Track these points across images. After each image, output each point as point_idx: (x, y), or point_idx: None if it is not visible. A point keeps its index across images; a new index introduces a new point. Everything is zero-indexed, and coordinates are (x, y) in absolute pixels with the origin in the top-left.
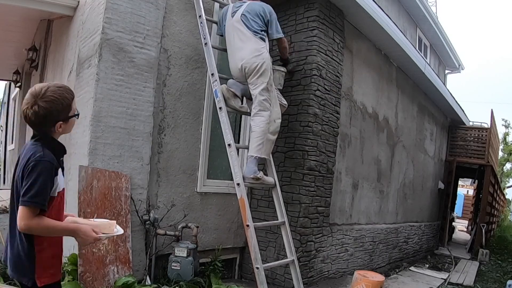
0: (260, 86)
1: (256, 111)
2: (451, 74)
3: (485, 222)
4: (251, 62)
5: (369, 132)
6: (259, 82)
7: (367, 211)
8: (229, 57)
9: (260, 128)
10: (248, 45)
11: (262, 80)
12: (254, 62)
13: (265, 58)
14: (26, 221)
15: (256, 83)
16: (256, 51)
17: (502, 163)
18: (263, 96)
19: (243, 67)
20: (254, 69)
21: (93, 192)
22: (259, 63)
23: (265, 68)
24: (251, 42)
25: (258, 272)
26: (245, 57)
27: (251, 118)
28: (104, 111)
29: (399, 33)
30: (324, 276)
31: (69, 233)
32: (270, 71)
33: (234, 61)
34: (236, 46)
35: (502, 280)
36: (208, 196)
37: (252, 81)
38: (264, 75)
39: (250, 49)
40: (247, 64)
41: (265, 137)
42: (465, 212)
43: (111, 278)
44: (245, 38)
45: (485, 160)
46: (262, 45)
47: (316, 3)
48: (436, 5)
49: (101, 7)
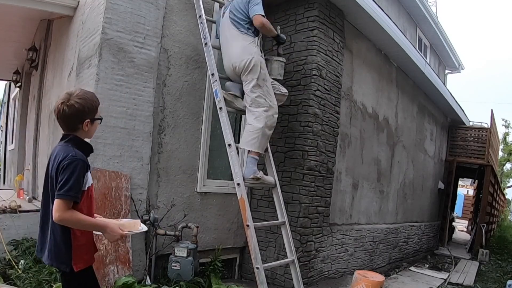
0: (250, 83)
1: (249, 108)
2: (451, 74)
3: (485, 222)
4: (240, 60)
5: (369, 132)
6: (249, 79)
7: (367, 211)
8: (223, 58)
9: (255, 124)
10: (236, 44)
11: (251, 77)
12: (243, 60)
13: (252, 53)
14: (61, 212)
15: (246, 80)
16: (243, 48)
17: (502, 163)
18: (255, 93)
19: (233, 66)
20: (244, 67)
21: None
22: (247, 60)
23: (254, 63)
24: (238, 40)
25: (258, 272)
26: (234, 55)
27: (246, 115)
28: (104, 111)
29: (399, 33)
30: (324, 276)
31: (98, 228)
32: (260, 66)
33: (227, 61)
34: (227, 46)
35: (502, 280)
36: (208, 196)
37: (243, 79)
38: (253, 72)
39: (238, 46)
40: (236, 62)
41: (260, 132)
42: (465, 212)
43: (111, 278)
44: (233, 37)
45: (485, 160)
46: (250, 40)
47: (316, 3)
48: (436, 5)
49: (101, 7)
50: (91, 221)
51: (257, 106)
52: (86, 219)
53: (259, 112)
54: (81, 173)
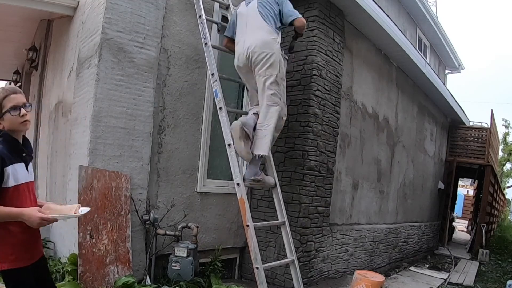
0: (269, 79)
1: (265, 105)
2: (451, 74)
3: (485, 222)
4: (259, 52)
5: (369, 132)
6: (268, 74)
7: (367, 211)
8: (237, 45)
9: (270, 125)
10: (259, 33)
11: (270, 72)
12: (263, 52)
13: (274, 49)
14: None
15: (264, 74)
16: (267, 41)
17: (502, 163)
18: (272, 90)
19: (250, 55)
20: (262, 59)
21: (93, 192)
22: (268, 54)
23: (274, 59)
24: (263, 31)
25: (258, 272)
26: (253, 44)
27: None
28: (104, 111)
29: (399, 33)
30: (324, 276)
31: (14, 217)
32: (280, 64)
33: (242, 48)
34: (247, 33)
35: (502, 280)
36: (208, 196)
37: (260, 72)
38: (273, 67)
39: (261, 37)
40: (255, 52)
41: (271, 136)
42: (465, 212)
43: (111, 278)
44: (257, 26)
45: (485, 160)
46: (274, 36)
47: (316, 3)
48: (436, 5)
49: (101, 7)
50: (6, 211)
51: (271, 104)
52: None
53: (273, 111)
54: None
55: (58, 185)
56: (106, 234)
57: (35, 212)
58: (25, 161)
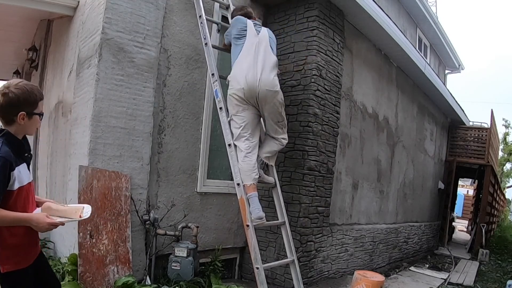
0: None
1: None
2: (451, 74)
3: (485, 222)
4: (273, 85)
5: (369, 132)
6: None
7: (367, 211)
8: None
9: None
10: (270, 65)
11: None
12: (276, 86)
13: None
14: None
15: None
16: (275, 77)
17: (502, 163)
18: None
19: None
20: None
21: (93, 192)
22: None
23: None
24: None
25: (258, 272)
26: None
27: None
28: (104, 111)
29: (399, 33)
30: (324, 276)
31: (22, 222)
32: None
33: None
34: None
35: (502, 280)
36: (208, 196)
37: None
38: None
39: (272, 70)
40: (267, 83)
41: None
42: (465, 212)
43: (111, 278)
44: (269, 59)
45: (485, 160)
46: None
47: (316, 3)
48: (436, 5)
49: (101, 7)
50: (12, 216)
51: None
52: (7, 215)
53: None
54: (2, 172)
55: (58, 185)
56: (106, 234)
57: (43, 218)
58: (26, 161)
